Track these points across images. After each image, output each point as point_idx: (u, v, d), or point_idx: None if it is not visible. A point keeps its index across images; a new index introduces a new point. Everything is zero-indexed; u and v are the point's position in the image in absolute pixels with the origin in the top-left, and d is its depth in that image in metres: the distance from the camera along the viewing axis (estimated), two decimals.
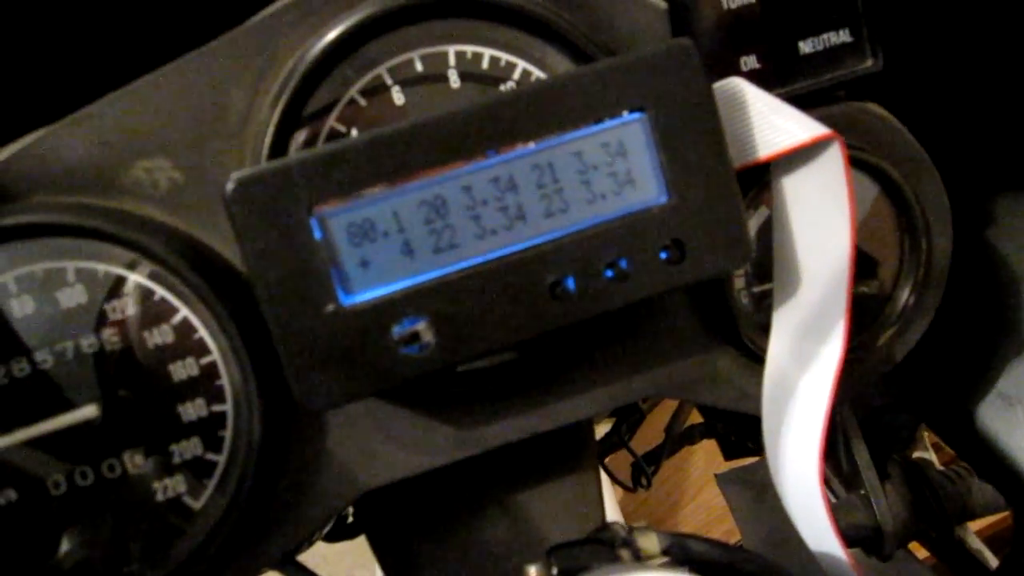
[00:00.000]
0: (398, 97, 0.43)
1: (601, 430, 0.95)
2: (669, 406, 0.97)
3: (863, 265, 0.53)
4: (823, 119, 0.44)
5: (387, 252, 0.37)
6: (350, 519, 0.77)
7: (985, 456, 0.66)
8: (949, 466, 0.79)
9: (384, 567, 0.54)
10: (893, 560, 0.75)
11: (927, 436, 0.92)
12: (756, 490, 1.03)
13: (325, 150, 0.37)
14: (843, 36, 0.47)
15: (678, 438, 0.89)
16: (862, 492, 0.73)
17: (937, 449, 0.96)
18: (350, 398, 0.38)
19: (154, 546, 0.43)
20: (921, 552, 0.91)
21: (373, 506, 0.53)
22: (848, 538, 0.73)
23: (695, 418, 0.94)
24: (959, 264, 0.63)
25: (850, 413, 0.73)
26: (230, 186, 0.36)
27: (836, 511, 0.73)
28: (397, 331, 0.37)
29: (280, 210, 0.36)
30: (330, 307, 0.37)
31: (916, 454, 0.84)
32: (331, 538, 0.77)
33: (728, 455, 0.94)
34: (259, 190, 0.36)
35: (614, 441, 0.89)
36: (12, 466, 0.41)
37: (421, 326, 0.37)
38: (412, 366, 0.38)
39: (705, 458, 1.73)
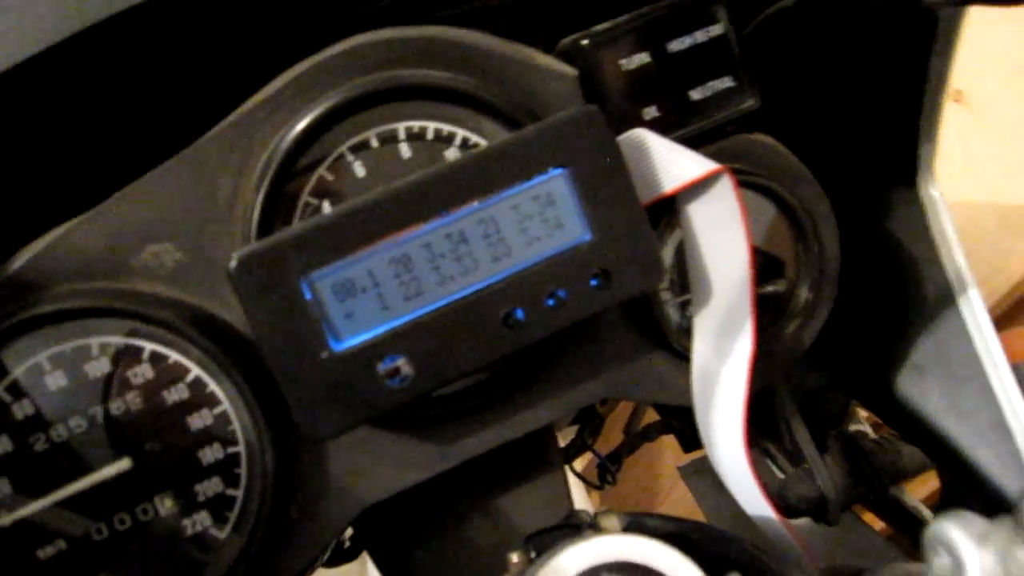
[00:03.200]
0: (359, 170, 0.51)
1: (569, 435, 1.03)
2: (628, 408, 1.05)
3: (770, 269, 0.61)
4: (718, 152, 0.53)
5: (366, 304, 0.45)
6: (347, 544, 0.84)
7: (907, 421, 0.74)
8: (881, 435, 0.88)
9: (385, 574, 0.61)
10: (843, 524, 0.84)
11: (861, 411, 1.01)
12: (715, 477, 1.12)
13: (307, 225, 0.44)
14: (726, 82, 0.56)
15: (637, 437, 0.97)
16: (805, 466, 0.81)
17: (874, 424, 1.05)
18: (348, 428, 0.45)
19: (186, 574, 0.50)
20: (869, 517, 0.99)
21: (371, 522, 0.60)
22: (797, 508, 0.81)
23: (653, 416, 1.03)
24: (868, 256, 0.72)
25: (789, 398, 0.81)
26: (233, 263, 0.43)
27: (785, 485, 0.81)
28: (381, 368, 0.45)
29: (275, 278, 0.44)
30: (324, 354, 0.44)
31: (852, 427, 0.92)
32: (331, 563, 0.83)
33: (687, 448, 1.02)
34: (256, 264, 0.43)
35: (579, 445, 0.97)
36: (61, 518, 0.48)
37: (401, 362, 0.45)
38: (397, 396, 0.45)
39: (675, 454, 1.81)
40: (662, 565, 0.39)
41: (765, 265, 0.61)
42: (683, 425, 0.99)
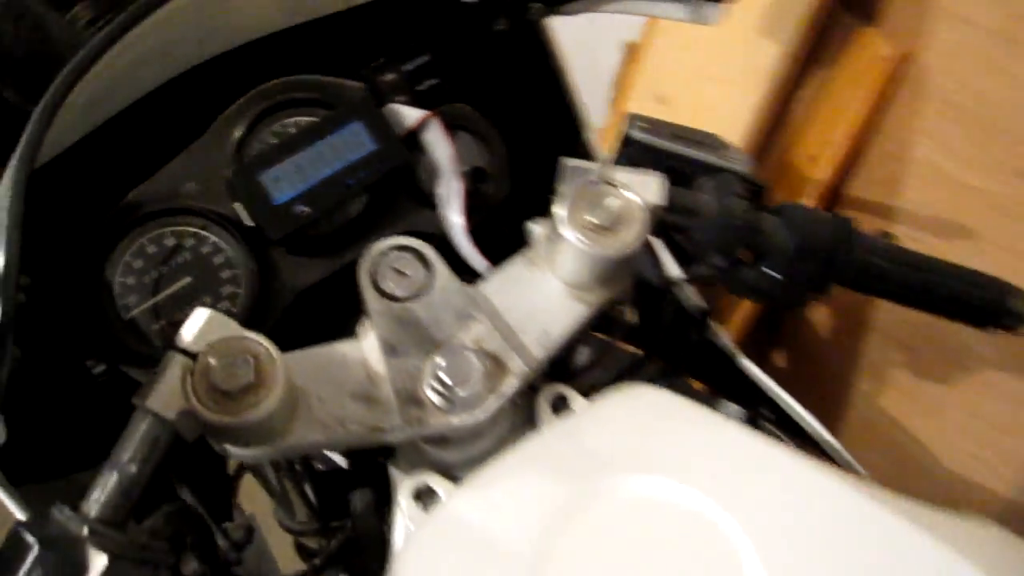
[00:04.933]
0: (275, 140, 1.14)
1: None
2: None
3: (481, 175, 1.26)
4: (441, 112, 1.18)
5: (286, 183, 1.06)
6: None
7: None
8: None
9: None
10: None
11: None
12: None
13: (257, 156, 1.07)
14: (433, 82, 1.21)
15: None
16: None
17: None
18: (288, 231, 1.05)
19: None
20: None
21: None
22: None
23: None
24: None
25: None
26: (230, 174, 1.05)
27: None
28: (296, 210, 1.06)
29: (247, 176, 1.05)
30: (271, 204, 1.05)
31: None
32: None
33: None
34: (240, 173, 1.05)
35: None
36: (158, 312, 1.06)
37: (304, 207, 1.07)
38: (303, 219, 1.06)
39: None
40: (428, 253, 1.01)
41: (478, 173, 1.26)
42: None
